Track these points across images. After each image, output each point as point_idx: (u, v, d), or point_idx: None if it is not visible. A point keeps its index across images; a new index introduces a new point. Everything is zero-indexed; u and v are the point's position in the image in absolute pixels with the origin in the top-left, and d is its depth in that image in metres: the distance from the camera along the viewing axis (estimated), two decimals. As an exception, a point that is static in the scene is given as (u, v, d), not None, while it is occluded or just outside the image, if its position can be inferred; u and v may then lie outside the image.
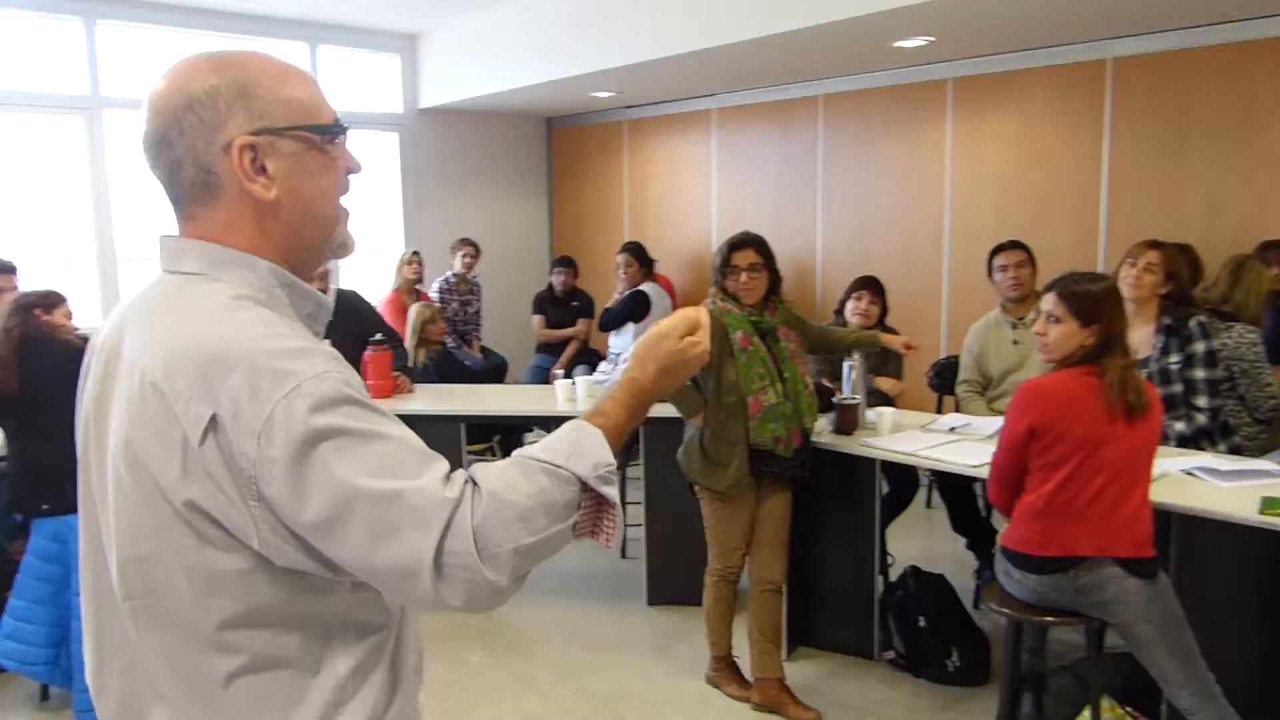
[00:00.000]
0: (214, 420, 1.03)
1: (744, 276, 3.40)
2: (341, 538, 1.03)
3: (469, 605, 1.06)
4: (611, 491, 1.14)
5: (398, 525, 1.03)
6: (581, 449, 1.14)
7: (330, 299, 1.25)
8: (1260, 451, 3.55)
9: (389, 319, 5.47)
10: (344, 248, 1.26)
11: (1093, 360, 2.62)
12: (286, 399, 1.01)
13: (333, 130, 1.19)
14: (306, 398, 1.02)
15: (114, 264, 6.22)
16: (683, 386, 3.42)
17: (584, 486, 1.12)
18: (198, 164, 1.14)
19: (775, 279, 3.48)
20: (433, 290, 6.73)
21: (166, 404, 1.05)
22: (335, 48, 7.09)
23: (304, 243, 1.21)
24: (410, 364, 5.28)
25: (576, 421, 1.19)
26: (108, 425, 1.15)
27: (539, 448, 1.14)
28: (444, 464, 1.10)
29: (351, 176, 1.25)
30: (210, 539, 1.06)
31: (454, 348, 6.44)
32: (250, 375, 1.02)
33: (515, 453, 1.15)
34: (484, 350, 7.02)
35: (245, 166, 1.13)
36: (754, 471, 3.42)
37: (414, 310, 5.61)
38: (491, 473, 1.11)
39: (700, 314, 1.34)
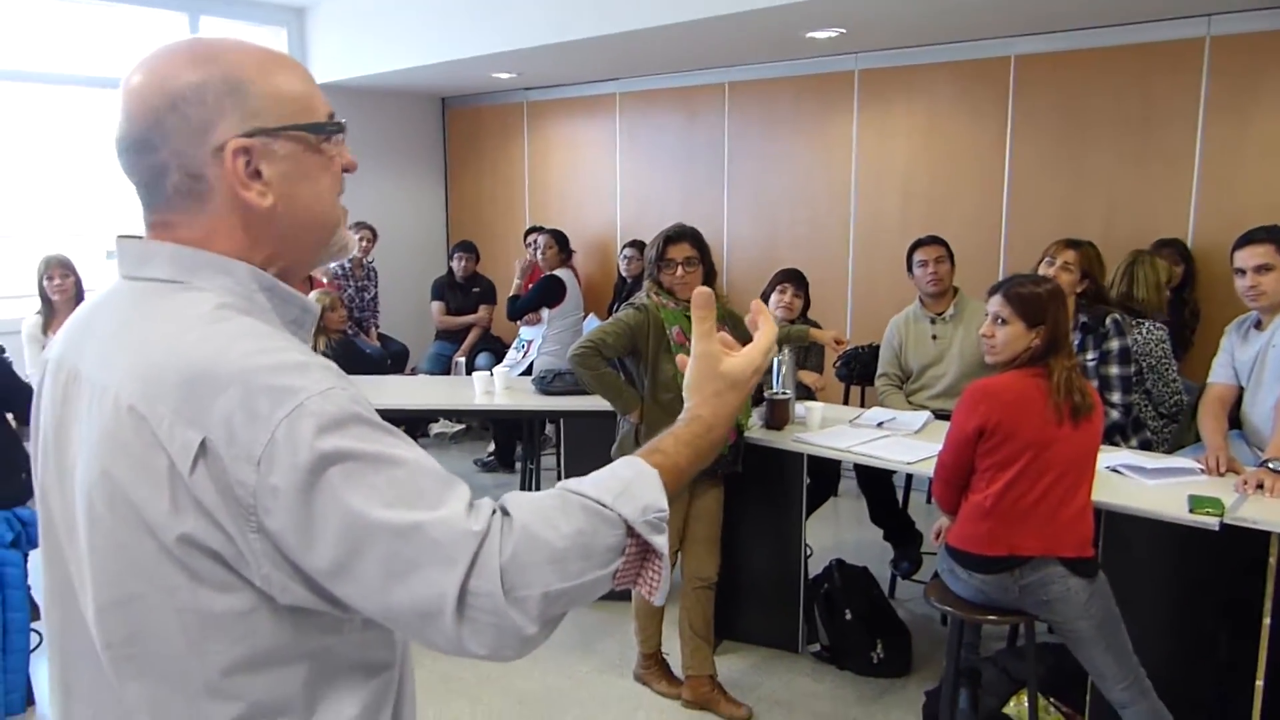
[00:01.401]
0: (204, 445, 0.91)
1: (680, 270, 3.34)
2: (353, 575, 0.92)
3: (494, 653, 0.95)
4: (661, 541, 1.02)
5: (416, 562, 0.92)
6: (633, 489, 1.02)
7: (314, 302, 1.13)
8: (1170, 447, 3.70)
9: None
10: (344, 250, 1.16)
11: (1039, 361, 2.66)
12: (289, 420, 0.90)
13: (329, 128, 1.08)
14: (311, 417, 0.90)
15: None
16: (617, 381, 3.35)
17: (629, 531, 1.00)
18: (184, 169, 1.01)
19: (710, 272, 3.43)
20: (326, 276, 6.45)
21: (147, 429, 0.93)
22: (216, 19, 6.68)
23: (300, 248, 1.10)
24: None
25: (631, 458, 1.07)
26: (69, 455, 1.01)
27: (587, 482, 1.02)
28: (465, 490, 0.98)
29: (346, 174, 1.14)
30: (205, 577, 0.94)
31: (353, 336, 6.18)
32: (245, 394, 0.91)
33: (559, 484, 1.03)
34: (382, 338, 6.78)
35: (240, 172, 1.01)
36: (688, 469, 3.36)
37: (312, 297, 5.35)
38: (525, 504, 0.99)
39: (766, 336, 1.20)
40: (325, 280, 6.28)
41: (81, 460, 0.99)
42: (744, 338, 3.60)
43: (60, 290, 4.78)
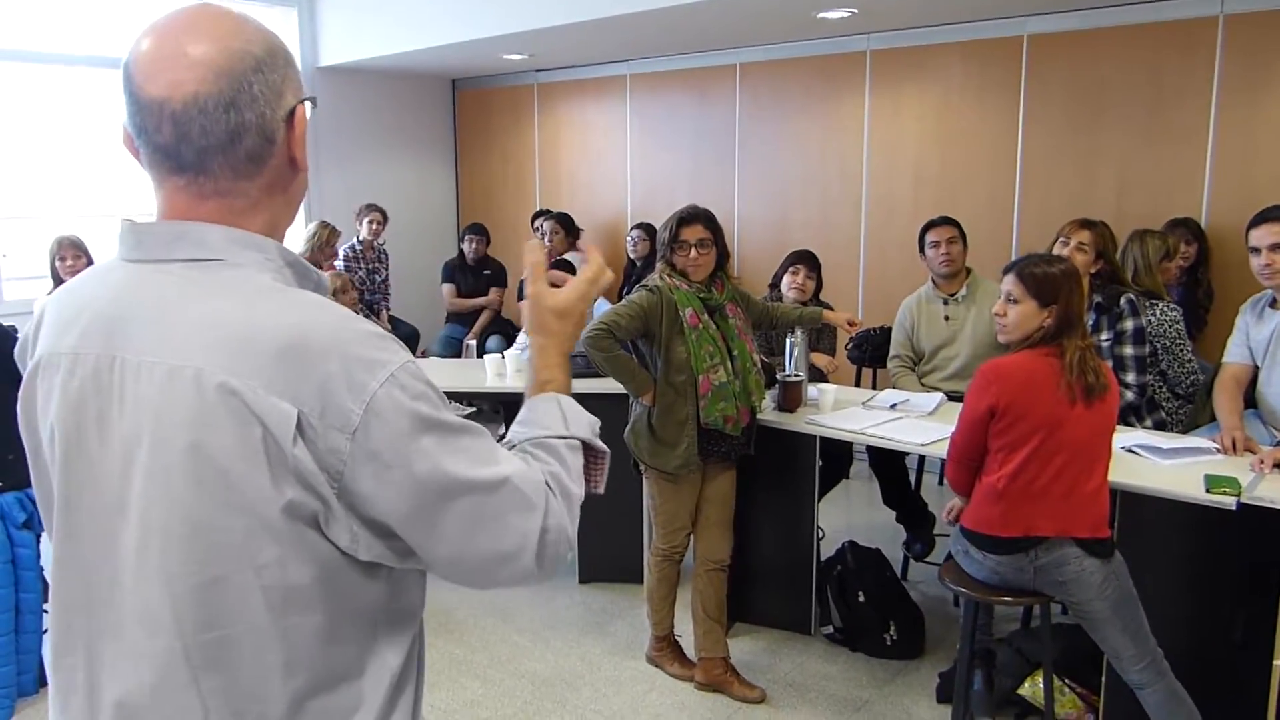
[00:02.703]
0: (301, 416, 0.94)
1: (693, 252, 3.32)
2: (441, 528, 1.01)
3: (547, 577, 1.10)
4: (602, 444, 1.23)
5: (502, 511, 1.03)
6: (570, 415, 1.20)
7: (326, 279, 1.14)
8: (1185, 427, 3.69)
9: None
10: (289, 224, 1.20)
11: (1052, 341, 2.64)
12: (384, 388, 0.96)
13: (313, 100, 1.14)
14: (401, 387, 0.97)
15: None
16: (631, 364, 3.34)
17: (584, 447, 1.20)
18: (261, 131, 1.04)
19: (723, 254, 3.42)
20: (337, 259, 6.45)
21: (238, 403, 0.94)
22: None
23: (287, 219, 1.15)
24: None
25: (545, 395, 1.23)
26: (112, 446, 1.00)
27: (535, 426, 1.18)
28: (506, 451, 1.11)
29: None
30: (299, 546, 0.98)
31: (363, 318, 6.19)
32: (343, 364, 0.95)
33: (511, 437, 1.19)
34: (393, 320, 6.79)
35: (300, 135, 1.09)
36: (702, 451, 3.37)
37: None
38: (529, 455, 1.14)
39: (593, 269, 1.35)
40: (333, 265, 6.29)
41: (147, 445, 0.97)
42: (755, 316, 3.58)
43: (72, 271, 4.81)
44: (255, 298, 1.00)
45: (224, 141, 1.02)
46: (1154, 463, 3.01)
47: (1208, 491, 2.71)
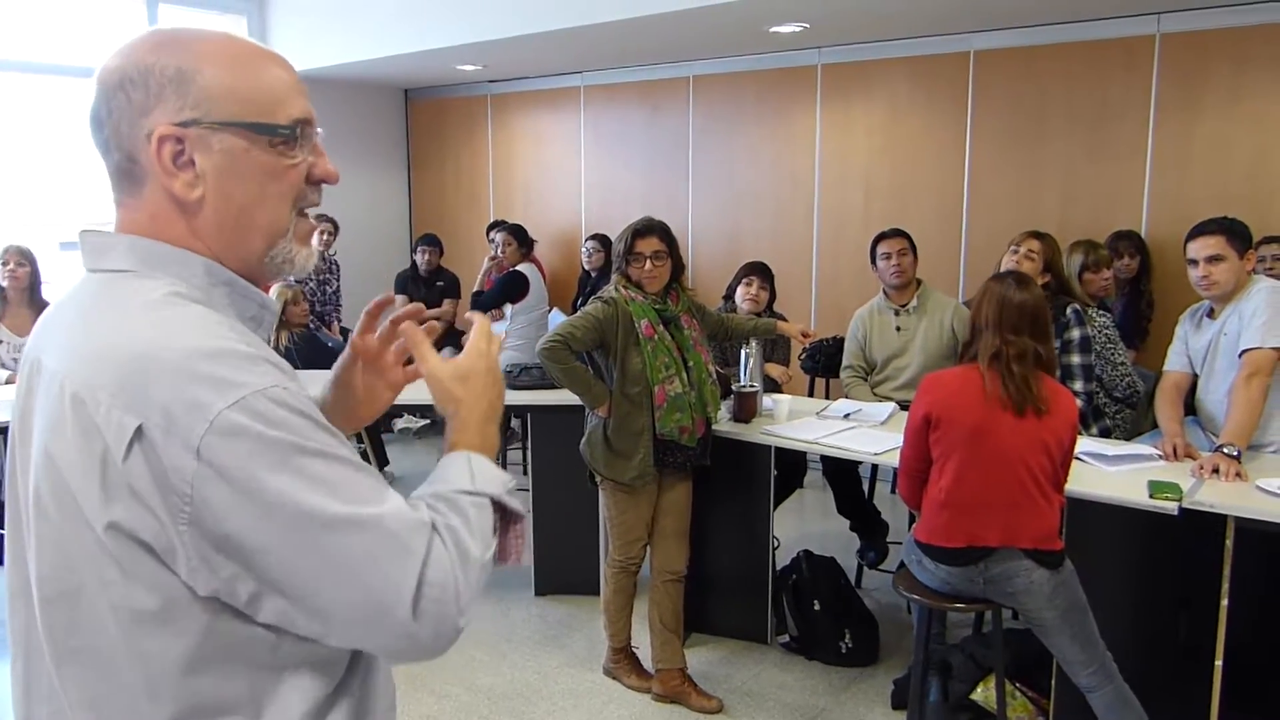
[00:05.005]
0: (140, 431, 0.89)
1: (648, 264, 3.34)
2: (297, 568, 0.91)
3: (433, 650, 0.97)
4: (519, 505, 1.12)
5: (371, 554, 0.92)
6: (479, 471, 1.09)
7: (275, 300, 1.12)
8: (1128, 434, 3.78)
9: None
10: (289, 265, 1.10)
11: (973, 358, 2.73)
12: (231, 410, 0.89)
13: (281, 131, 1.04)
14: (254, 412, 0.90)
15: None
16: (586, 375, 3.35)
17: (494, 506, 1.09)
18: (122, 149, 1.02)
19: (678, 266, 3.44)
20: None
21: (86, 414, 0.92)
22: (175, 7, 6.58)
23: (239, 252, 1.07)
24: (271, 347, 4.99)
25: (455, 453, 1.13)
26: (30, 446, 1.01)
27: (438, 483, 1.07)
28: (396, 494, 1.01)
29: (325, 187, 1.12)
30: (136, 570, 0.92)
31: (314, 330, 6.12)
32: (189, 381, 0.90)
33: (415, 495, 1.06)
34: (344, 332, 6.71)
35: (165, 160, 1.01)
36: (658, 462, 3.38)
37: (275, 290, 5.29)
38: (421, 504, 1.03)
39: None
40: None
41: (34, 450, 0.99)
42: (710, 328, 3.57)
43: (13, 278, 4.73)
44: (135, 310, 0.98)
45: (101, 155, 1.05)
46: (1099, 469, 3.08)
47: (1151, 497, 2.78)
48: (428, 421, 7.24)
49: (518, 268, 6.13)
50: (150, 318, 0.96)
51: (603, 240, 6.44)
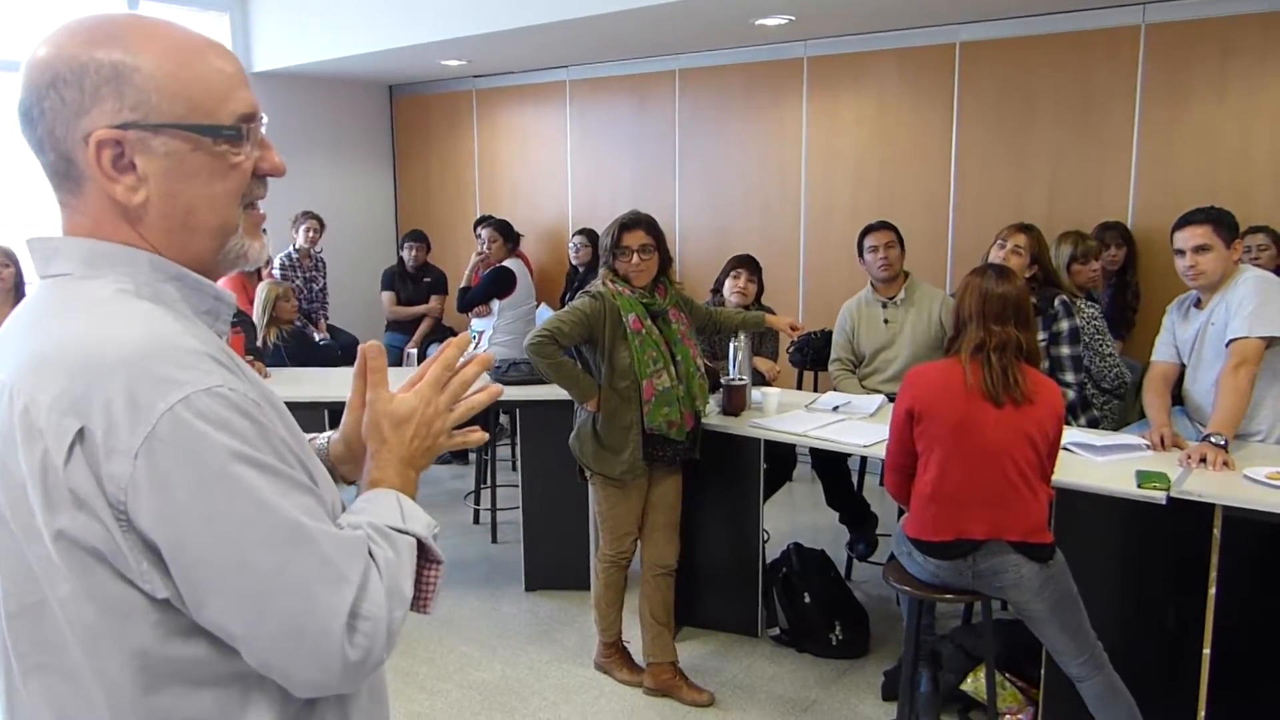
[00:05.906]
0: (82, 434, 0.87)
1: (635, 258, 3.33)
2: (227, 585, 0.89)
3: (342, 687, 0.94)
4: (439, 551, 1.08)
5: (305, 577, 0.90)
6: (408, 512, 1.06)
7: (229, 291, 1.09)
8: (1116, 424, 3.78)
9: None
10: (243, 258, 1.08)
11: (956, 352, 2.73)
12: (172, 412, 0.87)
13: (225, 132, 1.00)
14: (198, 412, 0.87)
15: None
16: (575, 370, 3.34)
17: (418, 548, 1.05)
18: (57, 150, 0.98)
19: (665, 260, 3.43)
20: (274, 267, 6.34)
21: (30, 421, 0.90)
22: (156, 3, 6.53)
23: (188, 250, 1.03)
24: (259, 344, 4.97)
25: (379, 490, 1.09)
26: None
27: (371, 515, 1.04)
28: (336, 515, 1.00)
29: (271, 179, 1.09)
30: (89, 582, 0.90)
31: (301, 327, 6.09)
32: (128, 381, 0.87)
33: (342, 519, 1.03)
34: (331, 329, 6.69)
35: (105, 164, 0.97)
36: (647, 456, 3.38)
37: (264, 287, 5.26)
38: (360, 534, 1.01)
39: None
40: (271, 272, 6.18)
41: None
42: (698, 321, 3.54)
43: None
44: (78, 312, 0.95)
45: (35, 153, 1.00)
46: (1088, 460, 3.09)
47: (1139, 487, 2.79)
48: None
49: (504, 263, 6.11)
50: (94, 317, 0.94)
51: (590, 235, 6.43)
